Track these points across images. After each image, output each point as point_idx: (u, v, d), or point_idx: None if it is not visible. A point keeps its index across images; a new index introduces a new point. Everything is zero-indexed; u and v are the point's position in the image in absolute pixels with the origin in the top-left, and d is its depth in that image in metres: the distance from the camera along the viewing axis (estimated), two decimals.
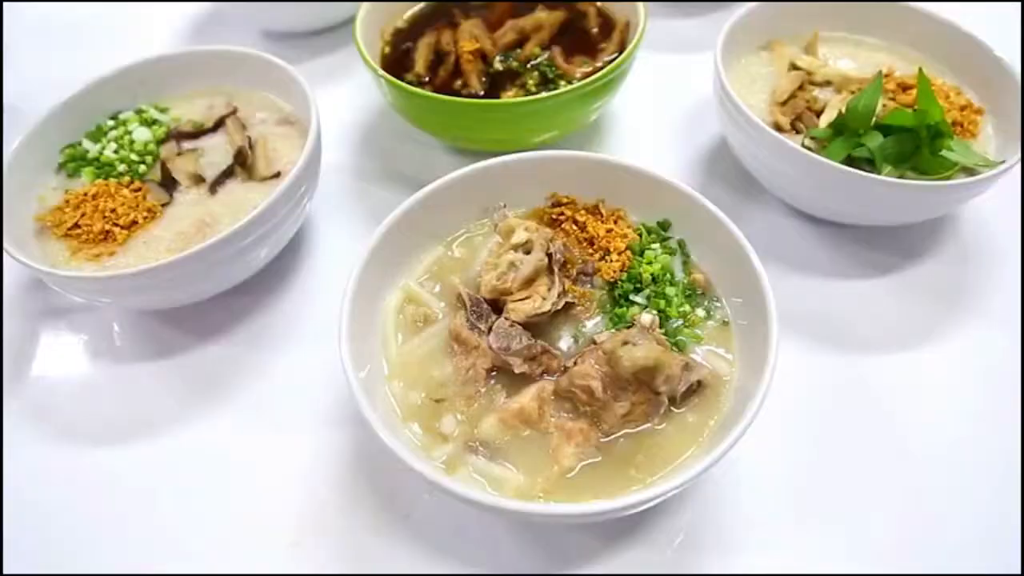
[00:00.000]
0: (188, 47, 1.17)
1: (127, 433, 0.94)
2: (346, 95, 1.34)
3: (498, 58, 1.16)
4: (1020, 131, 1.02)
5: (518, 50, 1.18)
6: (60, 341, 1.04)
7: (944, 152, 0.99)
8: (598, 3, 1.25)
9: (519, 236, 0.83)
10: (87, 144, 1.09)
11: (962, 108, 1.10)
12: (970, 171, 1.00)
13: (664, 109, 1.30)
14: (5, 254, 0.91)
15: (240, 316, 1.04)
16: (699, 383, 0.78)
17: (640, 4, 1.13)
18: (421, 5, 1.28)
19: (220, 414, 0.95)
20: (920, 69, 1.02)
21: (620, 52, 1.15)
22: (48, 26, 1.59)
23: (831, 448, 0.90)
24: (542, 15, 1.21)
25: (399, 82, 1.04)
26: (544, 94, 1.00)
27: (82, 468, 0.91)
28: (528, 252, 0.83)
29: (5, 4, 1.61)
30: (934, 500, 0.86)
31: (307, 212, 1.06)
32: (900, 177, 1.00)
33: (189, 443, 0.93)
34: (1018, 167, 0.98)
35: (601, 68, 1.08)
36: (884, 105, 1.07)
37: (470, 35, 1.17)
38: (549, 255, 0.83)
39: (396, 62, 1.18)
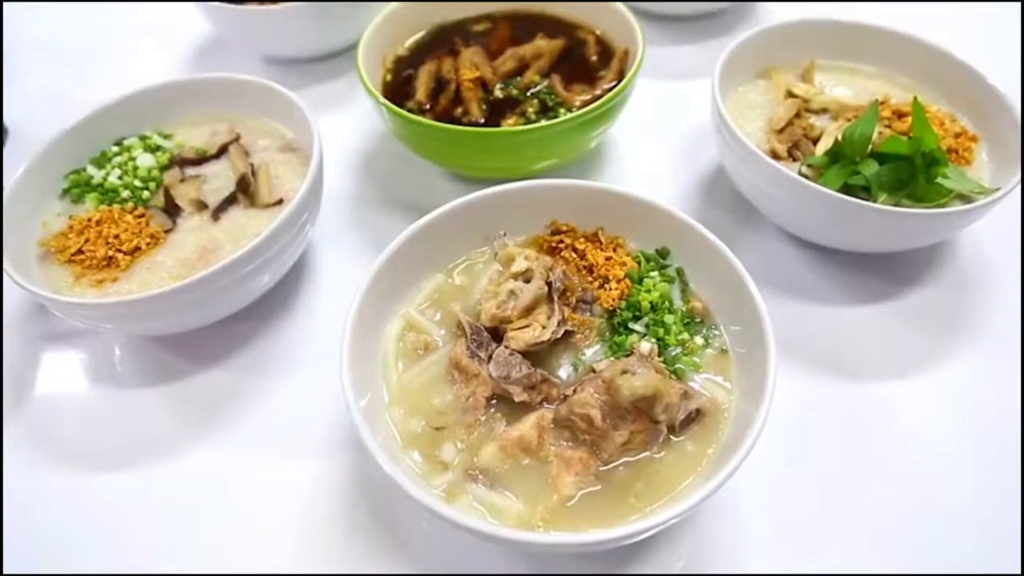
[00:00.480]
0: (192, 74, 1.18)
1: (128, 458, 0.94)
2: (348, 121, 1.36)
3: (498, 86, 1.17)
4: (1015, 157, 1.03)
5: (518, 78, 1.19)
6: (61, 365, 1.05)
7: (939, 179, 1.00)
8: (597, 31, 1.27)
9: (519, 264, 0.84)
10: (91, 170, 1.10)
11: (957, 135, 1.11)
12: (966, 198, 1.01)
13: (662, 135, 1.31)
14: (8, 279, 0.92)
15: (241, 342, 1.04)
16: (698, 411, 0.79)
17: (639, 32, 1.14)
18: (422, 33, 1.30)
19: (220, 440, 0.96)
20: (915, 98, 1.04)
21: (619, 79, 1.16)
22: (53, 51, 1.61)
23: (831, 474, 0.90)
24: (542, 43, 1.23)
25: (400, 110, 1.05)
26: (543, 123, 1.01)
27: (82, 492, 0.92)
28: (528, 280, 0.84)
29: (10, 31, 1.63)
30: (934, 525, 0.86)
31: (309, 239, 1.07)
32: (896, 204, 1.01)
33: (189, 468, 0.93)
34: (1014, 193, 0.98)
35: (600, 96, 1.10)
36: (880, 133, 1.08)
37: (471, 63, 1.19)
38: (549, 283, 0.84)
39: (397, 89, 1.20)
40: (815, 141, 1.10)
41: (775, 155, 1.08)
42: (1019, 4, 1.58)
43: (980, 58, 1.14)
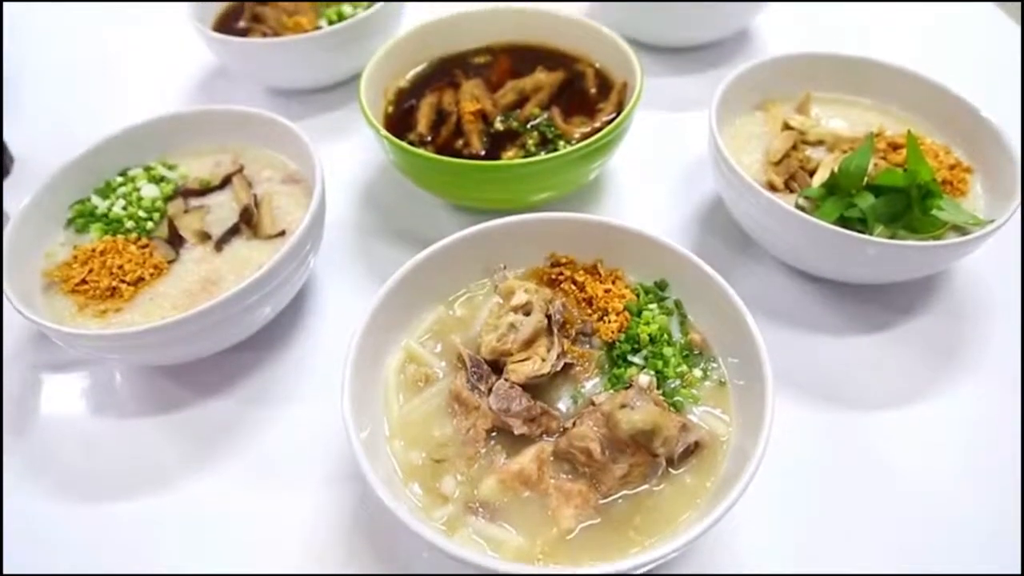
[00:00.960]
0: (197, 106, 1.20)
1: (128, 487, 0.95)
2: (350, 151, 1.37)
3: (499, 118, 1.19)
4: (1009, 189, 1.04)
5: (518, 110, 1.20)
6: (63, 394, 1.05)
7: (935, 211, 1.01)
8: (596, 64, 1.28)
9: (519, 298, 0.85)
10: (96, 200, 1.11)
11: (951, 167, 1.12)
12: (961, 228, 1.03)
13: (661, 166, 1.32)
14: (13, 310, 0.92)
15: (242, 371, 1.05)
16: (696, 444, 0.80)
17: (637, 66, 1.16)
18: (424, 65, 1.31)
19: (221, 470, 0.96)
20: (909, 131, 1.05)
21: (618, 112, 1.18)
22: (59, 80, 1.63)
23: (830, 505, 0.90)
24: (541, 76, 1.25)
25: (401, 143, 1.07)
26: (543, 156, 1.03)
27: (82, 521, 0.92)
28: (528, 313, 0.84)
29: (18, 61, 1.65)
30: (934, 555, 0.86)
31: (311, 269, 1.08)
32: (892, 236, 1.02)
33: (190, 497, 0.93)
34: (1009, 223, 0.99)
35: (599, 128, 1.11)
36: (875, 164, 1.10)
37: (471, 95, 1.20)
38: (548, 316, 0.85)
39: (399, 121, 1.21)
40: (812, 173, 1.11)
41: (772, 187, 1.09)
42: (1018, 37, 1.60)
43: (974, 89, 1.15)
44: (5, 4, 1.89)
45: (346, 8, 1.48)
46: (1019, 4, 1.69)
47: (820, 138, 1.17)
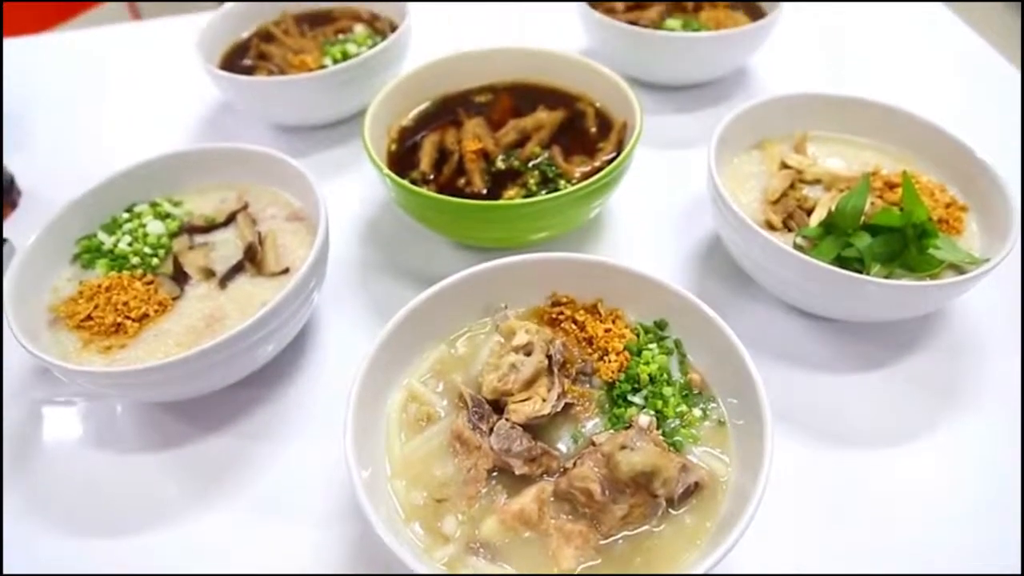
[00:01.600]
0: (203, 144, 1.21)
1: (129, 523, 0.95)
2: (353, 187, 1.39)
3: (500, 157, 1.21)
4: (1004, 227, 1.05)
5: (519, 149, 1.22)
6: (64, 429, 1.06)
7: (931, 250, 1.02)
8: (597, 103, 1.31)
9: (520, 338, 0.86)
10: (102, 236, 1.12)
11: (947, 205, 1.14)
12: (958, 267, 1.04)
13: (660, 203, 1.34)
14: (17, 344, 0.93)
15: (244, 408, 1.06)
16: (696, 484, 0.80)
17: (637, 106, 1.18)
18: (427, 103, 1.34)
19: (222, 506, 0.96)
20: (904, 172, 1.07)
21: (618, 151, 1.20)
22: (67, 115, 1.65)
23: (831, 543, 0.90)
24: (542, 115, 1.27)
25: (403, 182, 1.08)
26: (543, 196, 1.04)
27: (82, 557, 0.92)
28: (529, 354, 0.85)
29: (26, 96, 1.67)
30: None
31: (314, 307, 1.09)
32: (889, 275, 1.03)
33: (190, 533, 0.94)
34: (1006, 262, 1.00)
35: (600, 168, 1.13)
36: (872, 203, 1.11)
37: (473, 134, 1.22)
38: (549, 356, 0.86)
39: (402, 159, 1.23)
40: (809, 212, 1.13)
41: (770, 226, 1.11)
42: (1012, 78, 1.63)
43: (970, 128, 1.17)
44: (15, 39, 1.92)
45: (350, 46, 1.50)
46: (1019, 47, 1.72)
47: (817, 177, 1.19)
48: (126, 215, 1.16)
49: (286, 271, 1.06)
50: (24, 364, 1.12)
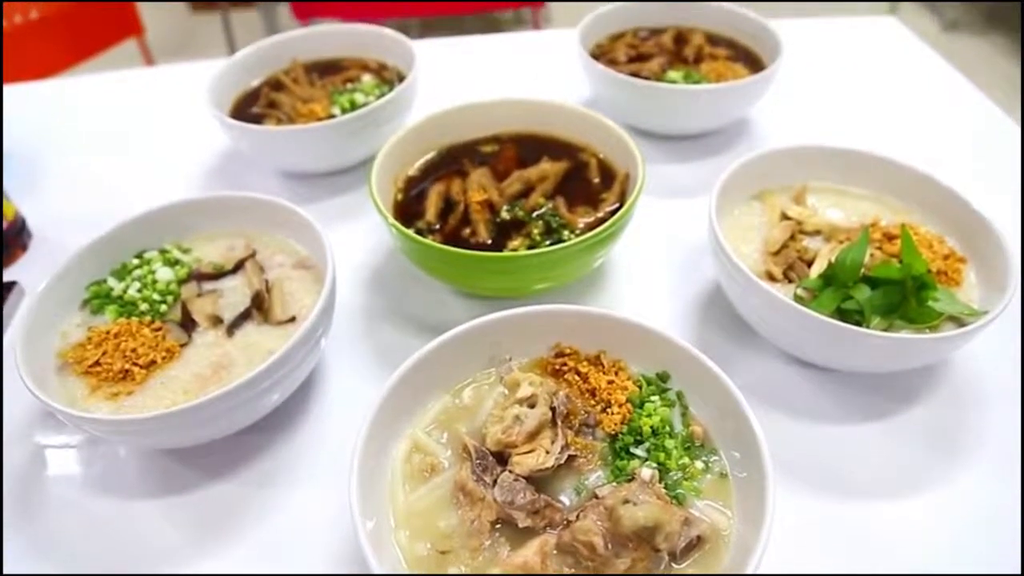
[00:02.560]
0: (213, 192, 1.23)
1: (131, 570, 0.95)
2: (359, 234, 1.41)
3: (505, 208, 1.23)
4: (1002, 280, 1.07)
5: (524, 200, 1.24)
6: (67, 474, 1.06)
7: (930, 303, 1.04)
8: (600, 154, 1.33)
9: (524, 391, 0.87)
10: (112, 282, 1.14)
11: (946, 257, 1.15)
12: (957, 319, 1.05)
13: (662, 253, 1.36)
14: (21, 387, 0.94)
15: (248, 455, 1.06)
16: (699, 538, 0.80)
17: (639, 158, 1.20)
18: (432, 153, 1.36)
19: (223, 553, 0.96)
20: (903, 226, 1.08)
21: (620, 202, 1.22)
22: (77, 159, 1.68)
23: None
24: (546, 166, 1.29)
25: (409, 233, 1.10)
26: (547, 248, 1.06)
27: None
28: (532, 406, 0.86)
29: (38, 140, 1.71)
30: None
31: (320, 355, 1.10)
32: (889, 327, 1.04)
33: None
34: (1005, 314, 1.01)
35: (603, 219, 1.14)
36: (872, 254, 1.13)
37: (479, 185, 1.24)
38: (553, 409, 0.87)
39: (408, 208, 1.25)
40: (810, 263, 1.14)
41: (771, 277, 1.12)
42: (1012, 130, 1.66)
43: (969, 180, 1.19)
44: (29, 85, 1.96)
45: (358, 96, 1.53)
46: (1018, 100, 1.75)
47: (817, 228, 1.20)
48: (136, 261, 1.17)
49: (292, 320, 1.07)
50: (28, 407, 1.12)
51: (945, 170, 1.21)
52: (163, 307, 1.11)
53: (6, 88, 1.93)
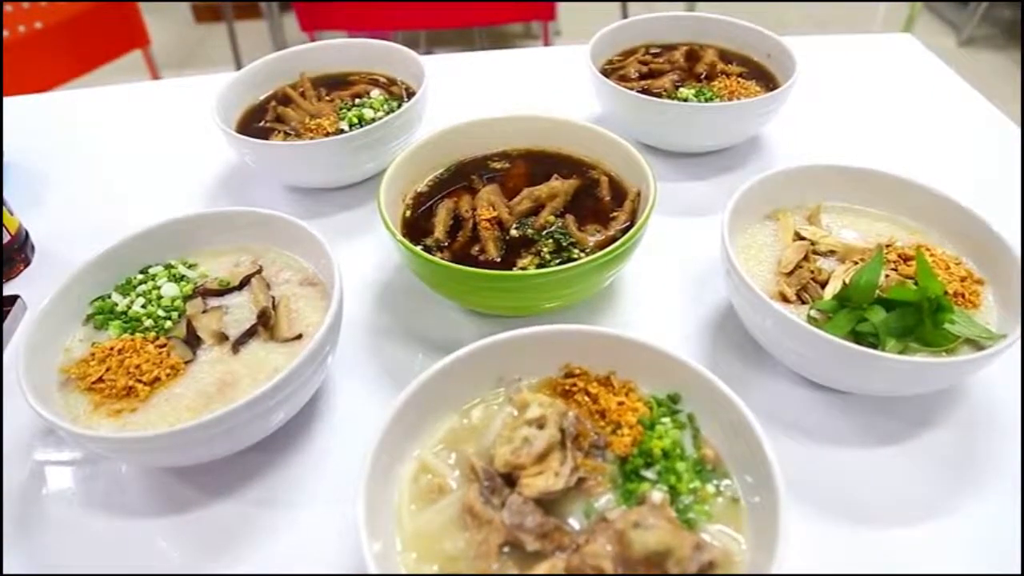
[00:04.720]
0: (218, 208, 1.22)
1: None
2: (366, 250, 1.40)
3: (514, 226, 1.21)
4: (1019, 302, 1.05)
5: (533, 217, 1.23)
6: (68, 492, 1.04)
7: (947, 325, 1.02)
8: (611, 172, 1.32)
9: (533, 412, 0.85)
10: (116, 297, 1.13)
11: (963, 279, 1.13)
12: (975, 341, 1.03)
13: (673, 271, 1.34)
14: (22, 403, 0.93)
15: (252, 474, 1.05)
16: (710, 563, 0.78)
17: (650, 176, 1.19)
18: (441, 170, 1.35)
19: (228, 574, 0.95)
20: (919, 247, 1.07)
21: (631, 220, 1.20)
22: (81, 174, 1.67)
23: None
24: (556, 184, 1.27)
25: (417, 250, 1.09)
26: (556, 267, 1.04)
27: None
28: (542, 427, 0.85)
29: (43, 154, 1.70)
30: None
31: (327, 373, 1.09)
32: (904, 349, 1.02)
33: None
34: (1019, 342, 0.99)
35: (614, 237, 1.13)
36: (887, 276, 1.11)
37: (488, 202, 1.23)
38: (562, 430, 0.85)
39: (416, 225, 1.24)
40: (823, 284, 1.12)
41: (784, 298, 1.10)
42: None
43: (987, 201, 1.17)
44: (33, 97, 1.96)
45: (367, 111, 1.52)
46: None
47: (831, 248, 1.18)
48: (140, 276, 1.16)
49: (299, 337, 1.06)
50: (29, 424, 1.11)
51: (962, 190, 1.20)
52: (168, 323, 1.10)
53: (10, 100, 1.93)
